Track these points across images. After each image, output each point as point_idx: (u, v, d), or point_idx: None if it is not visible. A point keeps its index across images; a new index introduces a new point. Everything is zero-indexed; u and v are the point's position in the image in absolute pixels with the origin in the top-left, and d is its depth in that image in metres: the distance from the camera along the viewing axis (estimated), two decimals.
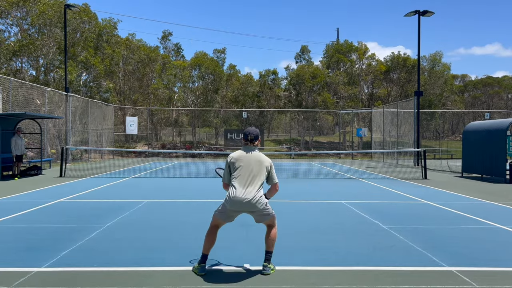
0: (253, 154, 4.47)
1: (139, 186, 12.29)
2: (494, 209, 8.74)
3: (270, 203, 4.62)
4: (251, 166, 4.40)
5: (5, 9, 26.95)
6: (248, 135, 4.51)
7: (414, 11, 22.19)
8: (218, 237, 5.35)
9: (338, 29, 69.32)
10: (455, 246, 5.60)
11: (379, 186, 12.75)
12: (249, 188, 4.34)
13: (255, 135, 4.52)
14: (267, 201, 4.48)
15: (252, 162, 4.42)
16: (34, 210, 8.10)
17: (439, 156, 31.76)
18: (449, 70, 44.75)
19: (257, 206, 4.35)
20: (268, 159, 4.52)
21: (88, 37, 29.88)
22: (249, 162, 4.41)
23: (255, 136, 4.52)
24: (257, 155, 4.48)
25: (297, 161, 27.98)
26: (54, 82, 27.96)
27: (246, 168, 4.40)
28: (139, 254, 5.11)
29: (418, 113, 22.69)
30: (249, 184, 4.35)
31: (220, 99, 41.22)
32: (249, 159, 4.43)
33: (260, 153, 4.54)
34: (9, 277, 4.29)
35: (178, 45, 47.27)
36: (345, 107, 38.51)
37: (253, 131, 4.54)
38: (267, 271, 4.41)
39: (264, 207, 4.41)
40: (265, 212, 4.44)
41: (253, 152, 4.49)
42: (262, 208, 4.39)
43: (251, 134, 4.51)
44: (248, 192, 4.32)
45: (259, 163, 4.43)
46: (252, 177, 4.38)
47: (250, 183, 4.35)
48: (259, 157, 4.47)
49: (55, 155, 22.76)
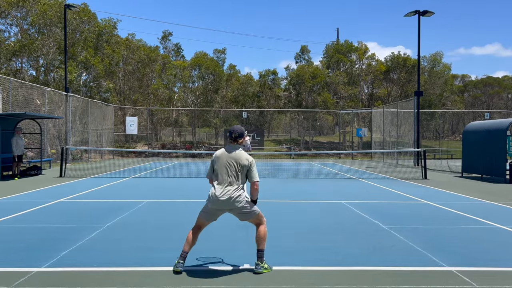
0: (236, 153, 4.51)
1: (139, 186, 12.29)
2: (494, 209, 8.74)
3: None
4: (232, 165, 4.46)
5: (5, 9, 26.95)
6: (233, 132, 4.57)
7: (414, 11, 22.19)
8: (218, 237, 5.34)
9: (338, 29, 69.32)
10: (455, 246, 5.60)
11: (379, 186, 12.75)
12: (228, 186, 4.41)
13: (239, 133, 4.57)
14: (248, 199, 4.50)
15: (232, 160, 4.47)
16: (34, 210, 8.10)
17: (439, 156, 31.75)
18: (449, 70, 44.76)
19: (235, 205, 4.39)
20: (249, 157, 4.54)
21: (88, 37, 29.88)
22: (230, 161, 4.47)
23: (240, 134, 4.57)
24: (238, 154, 4.50)
25: (297, 161, 27.98)
26: (54, 82, 27.96)
27: (226, 166, 4.46)
28: (139, 254, 5.11)
29: (418, 113, 22.69)
30: (228, 183, 4.42)
31: (220, 99, 41.21)
32: (230, 158, 4.48)
33: (242, 152, 4.55)
34: (9, 277, 4.29)
35: (178, 45, 47.28)
36: (345, 107, 38.52)
37: (237, 129, 4.58)
38: (259, 269, 4.43)
39: (243, 206, 4.43)
40: (245, 211, 4.47)
41: (236, 151, 4.52)
42: (241, 206, 4.42)
43: (235, 131, 4.56)
44: (227, 191, 4.38)
45: (240, 162, 4.46)
46: (231, 175, 4.43)
47: (229, 181, 4.42)
48: (240, 156, 4.49)
49: (55, 155, 22.76)
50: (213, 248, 5.39)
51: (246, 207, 4.47)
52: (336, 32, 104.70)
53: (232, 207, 4.41)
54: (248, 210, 4.49)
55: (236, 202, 4.39)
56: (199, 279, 4.27)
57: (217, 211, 4.50)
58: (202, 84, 39.40)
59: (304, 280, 4.26)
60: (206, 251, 5.26)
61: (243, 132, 4.62)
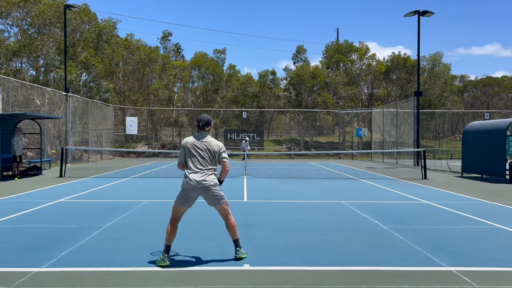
0: (205, 139, 4.83)
1: (139, 187, 12.29)
2: (494, 209, 8.74)
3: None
4: (204, 150, 4.76)
5: (5, 9, 26.95)
6: (200, 121, 4.91)
7: (414, 11, 22.19)
8: (218, 237, 5.32)
9: (338, 29, 69.27)
10: (455, 246, 5.60)
11: (379, 186, 12.75)
12: (204, 171, 4.72)
13: (206, 121, 4.90)
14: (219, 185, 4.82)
15: (204, 147, 4.78)
16: (34, 210, 8.10)
17: (439, 156, 31.75)
18: (449, 70, 44.77)
19: (210, 188, 4.70)
20: (219, 143, 4.90)
21: (88, 37, 29.87)
22: (201, 147, 4.77)
23: (206, 122, 4.90)
24: (208, 140, 4.83)
25: (297, 161, 27.98)
26: (54, 82, 27.96)
27: (199, 152, 4.76)
28: (139, 254, 5.11)
29: (418, 113, 22.69)
30: (202, 168, 4.72)
31: (220, 99, 41.21)
32: (202, 144, 4.79)
33: (211, 138, 4.88)
34: (9, 277, 4.29)
35: (178, 45, 47.27)
36: (345, 107, 38.52)
37: (204, 118, 4.93)
38: (240, 254, 4.86)
39: (217, 189, 4.76)
40: (217, 194, 4.76)
41: (205, 138, 4.84)
42: (215, 190, 4.74)
43: (202, 120, 4.90)
44: (202, 175, 4.70)
45: (211, 147, 4.79)
46: (205, 161, 4.74)
47: (203, 166, 4.72)
48: (210, 142, 4.82)
49: (55, 155, 22.76)
50: (213, 248, 5.38)
51: (219, 192, 4.78)
52: (336, 32, 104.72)
53: (207, 190, 4.70)
54: (220, 195, 4.78)
55: (211, 185, 4.70)
56: (199, 279, 4.27)
57: (192, 196, 4.76)
58: (202, 84, 39.40)
59: (304, 280, 4.26)
60: (206, 251, 5.27)
61: (210, 121, 4.95)
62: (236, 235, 4.91)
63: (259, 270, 4.54)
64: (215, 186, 4.74)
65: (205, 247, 5.42)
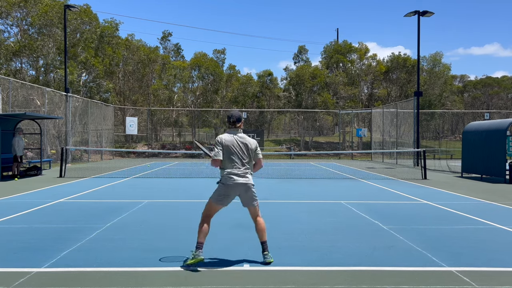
0: (241, 136, 4.71)
1: (139, 187, 12.29)
2: (494, 209, 8.74)
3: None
4: (242, 148, 4.65)
5: (5, 9, 26.95)
6: (231, 117, 4.76)
7: (413, 11, 22.20)
8: (218, 237, 5.32)
9: (338, 29, 69.22)
10: (455, 246, 5.60)
11: (379, 186, 12.75)
12: (244, 169, 4.62)
13: (237, 117, 4.75)
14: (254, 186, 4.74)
15: (242, 144, 4.66)
16: (34, 210, 8.10)
17: (439, 156, 31.75)
18: (449, 70, 44.77)
19: (250, 188, 4.66)
20: (254, 141, 4.80)
21: (89, 38, 29.87)
22: (240, 144, 4.65)
23: (238, 118, 4.76)
24: (244, 137, 4.73)
25: (297, 162, 27.98)
26: (54, 82, 27.96)
27: (238, 150, 4.64)
28: (139, 254, 5.11)
29: (417, 113, 22.69)
30: (242, 166, 4.62)
31: (220, 99, 41.22)
32: (239, 141, 4.67)
33: (246, 135, 4.76)
34: (9, 277, 4.29)
35: (178, 46, 47.27)
36: (345, 107, 38.52)
37: (235, 114, 4.78)
38: (268, 259, 4.69)
39: (254, 191, 4.72)
40: (255, 195, 4.72)
41: (241, 134, 4.73)
42: (252, 190, 4.69)
43: (234, 116, 4.75)
44: (243, 174, 4.62)
45: (249, 145, 4.69)
46: (244, 158, 4.65)
47: (243, 164, 4.63)
48: (247, 139, 4.72)
49: (55, 156, 22.76)
50: (212, 248, 5.38)
51: (255, 192, 4.73)
52: (336, 32, 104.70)
53: (247, 190, 4.64)
54: (255, 195, 4.73)
55: (252, 185, 4.66)
56: (199, 279, 4.27)
57: (231, 194, 4.66)
58: (202, 84, 39.40)
59: (304, 280, 4.26)
60: (206, 251, 5.26)
61: (241, 117, 4.81)
62: (264, 237, 4.75)
63: (259, 270, 4.54)
64: (253, 187, 4.70)
65: (205, 247, 5.41)
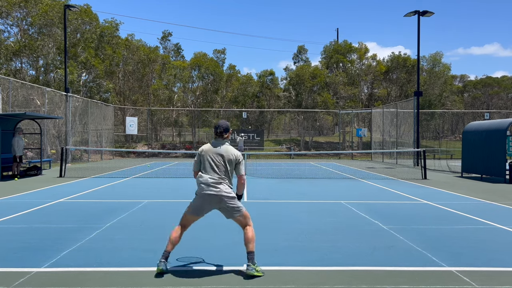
0: (222, 147, 4.50)
1: (138, 187, 12.29)
2: (494, 209, 8.74)
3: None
4: (219, 160, 4.45)
5: (5, 9, 26.94)
6: (218, 128, 4.56)
7: (413, 11, 22.20)
8: (218, 237, 5.30)
9: (338, 29, 69.18)
10: (455, 246, 5.60)
11: (379, 186, 12.75)
12: (218, 181, 4.39)
13: (224, 127, 4.55)
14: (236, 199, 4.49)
15: (219, 155, 4.46)
16: (34, 210, 8.10)
17: (439, 156, 31.74)
18: (449, 70, 44.77)
19: (225, 200, 4.37)
20: (236, 152, 4.52)
21: (89, 38, 29.86)
22: (217, 156, 4.46)
23: (225, 128, 4.55)
24: (225, 149, 4.50)
25: (297, 161, 27.98)
26: (54, 82, 27.96)
27: (214, 161, 4.45)
28: (138, 254, 5.11)
29: (417, 113, 22.70)
30: (217, 178, 4.40)
31: (220, 99, 41.22)
32: (217, 153, 4.47)
33: (228, 146, 4.54)
34: (9, 277, 4.29)
35: (178, 45, 47.25)
36: (345, 107, 38.52)
37: (222, 124, 4.57)
38: (250, 271, 4.33)
39: (233, 201, 4.42)
40: (233, 206, 4.42)
41: (222, 146, 4.51)
42: (230, 201, 4.40)
43: (221, 126, 4.55)
44: (216, 185, 4.37)
45: (226, 155, 4.46)
46: (220, 170, 4.42)
47: (218, 176, 4.41)
48: (227, 150, 4.49)
49: (55, 156, 22.76)
50: (212, 248, 5.38)
51: (235, 203, 4.45)
52: (336, 32, 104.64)
53: (221, 202, 4.39)
54: (237, 206, 4.45)
55: (226, 197, 4.37)
56: (199, 279, 4.27)
57: (206, 207, 4.47)
58: (202, 84, 39.39)
59: (304, 280, 4.26)
60: (206, 251, 5.26)
61: (228, 127, 4.60)
62: (250, 247, 4.43)
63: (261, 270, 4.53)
64: (230, 199, 4.40)
65: (204, 247, 5.42)
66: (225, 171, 4.45)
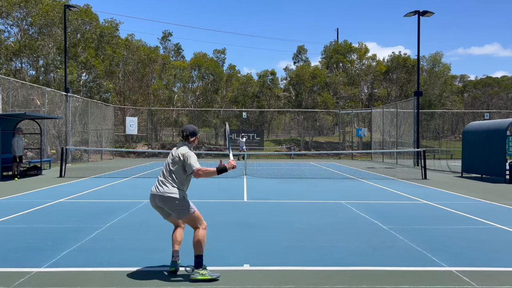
0: (177, 149, 4.46)
1: (138, 187, 12.29)
2: (494, 209, 8.75)
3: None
4: (169, 161, 4.43)
5: (5, 9, 26.95)
6: (184, 131, 4.54)
7: (413, 11, 22.20)
8: (218, 237, 5.30)
9: (338, 29, 69.19)
10: (455, 246, 5.60)
11: (379, 186, 12.75)
12: (162, 182, 4.35)
13: (190, 131, 4.52)
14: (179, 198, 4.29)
15: (170, 156, 4.44)
16: (34, 211, 8.10)
17: (439, 156, 31.74)
18: (449, 70, 44.77)
19: (165, 201, 4.27)
20: (184, 151, 4.35)
21: (89, 38, 29.87)
22: (170, 157, 4.45)
23: (191, 132, 4.52)
24: (179, 149, 4.42)
25: (297, 161, 27.98)
26: (55, 82, 27.97)
27: (167, 162, 4.45)
28: (138, 254, 5.11)
29: (417, 113, 22.69)
30: (162, 178, 4.38)
31: (220, 99, 41.21)
32: (172, 154, 4.45)
33: (184, 148, 4.42)
34: (8, 277, 4.29)
35: (178, 45, 47.25)
36: (345, 107, 38.52)
37: (189, 128, 4.57)
38: (194, 275, 4.21)
39: (174, 202, 4.26)
40: (176, 208, 4.28)
41: (179, 148, 4.45)
42: (170, 203, 4.27)
43: (187, 130, 4.53)
44: (159, 186, 4.33)
45: (175, 156, 4.38)
46: (166, 171, 4.40)
47: (164, 177, 4.38)
48: (176, 151, 4.43)
49: (55, 156, 22.76)
50: (212, 248, 5.38)
51: (177, 204, 4.27)
52: (336, 32, 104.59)
53: (163, 202, 4.29)
54: (180, 208, 4.28)
55: (167, 196, 4.24)
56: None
57: (154, 207, 4.43)
58: (202, 84, 39.40)
59: (304, 280, 4.26)
60: (205, 251, 5.26)
61: (195, 131, 4.57)
62: (198, 251, 4.30)
63: (259, 270, 4.54)
64: (170, 200, 4.24)
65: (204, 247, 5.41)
66: (170, 171, 4.36)
